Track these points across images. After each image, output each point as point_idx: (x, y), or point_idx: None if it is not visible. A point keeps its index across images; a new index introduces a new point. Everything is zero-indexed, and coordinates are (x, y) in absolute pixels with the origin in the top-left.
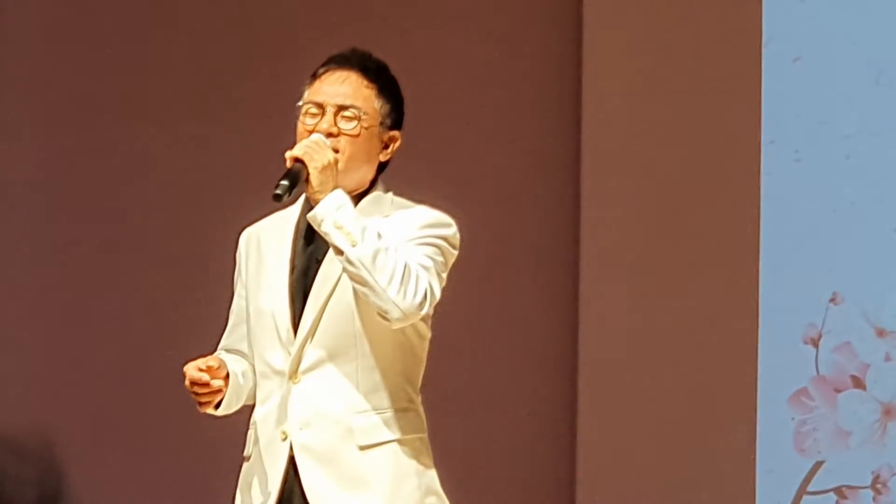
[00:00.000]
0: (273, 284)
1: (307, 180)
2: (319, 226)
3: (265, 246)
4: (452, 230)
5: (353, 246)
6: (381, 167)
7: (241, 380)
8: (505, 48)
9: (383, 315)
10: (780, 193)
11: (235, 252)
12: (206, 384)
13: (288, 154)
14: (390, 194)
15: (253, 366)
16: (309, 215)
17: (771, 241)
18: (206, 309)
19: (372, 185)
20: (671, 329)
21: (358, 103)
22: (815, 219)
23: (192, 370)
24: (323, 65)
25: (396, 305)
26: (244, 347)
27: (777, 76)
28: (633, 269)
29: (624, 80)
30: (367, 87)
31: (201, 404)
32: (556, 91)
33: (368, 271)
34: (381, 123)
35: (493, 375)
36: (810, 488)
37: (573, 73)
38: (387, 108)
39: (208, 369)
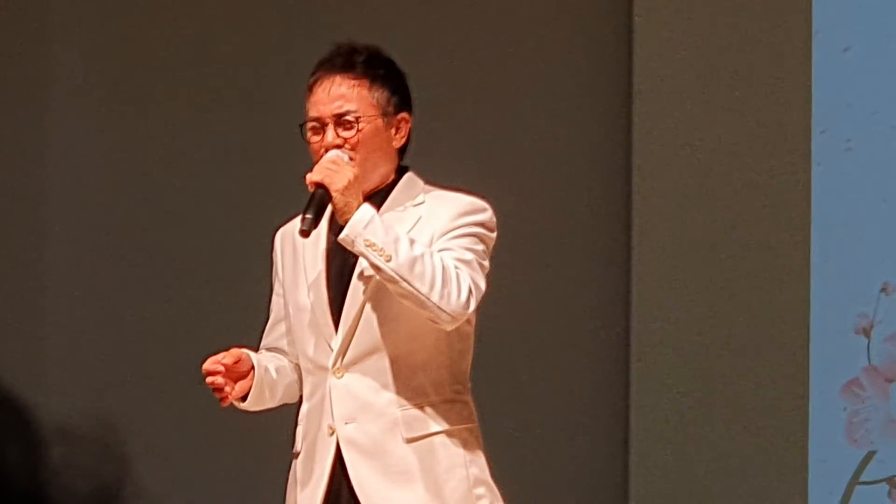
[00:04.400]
0: (311, 281)
1: (332, 201)
2: (351, 246)
3: (300, 243)
4: (488, 214)
5: (388, 261)
6: (402, 151)
7: (273, 374)
8: (555, 34)
9: (433, 321)
10: (831, 183)
11: (271, 252)
12: (214, 374)
13: (308, 178)
14: (420, 181)
15: (293, 364)
16: (339, 238)
17: (822, 231)
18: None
19: (398, 173)
20: (723, 319)
21: (352, 107)
22: (865, 208)
23: (207, 363)
24: (312, 74)
25: (442, 310)
26: (283, 345)
27: (827, 66)
28: (684, 259)
29: (675, 71)
30: (357, 84)
31: (220, 399)
32: (608, 82)
33: (408, 282)
34: (384, 114)
35: (545, 365)
36: (862, 478)
37: (624, 64)
38: (385, 95)
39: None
